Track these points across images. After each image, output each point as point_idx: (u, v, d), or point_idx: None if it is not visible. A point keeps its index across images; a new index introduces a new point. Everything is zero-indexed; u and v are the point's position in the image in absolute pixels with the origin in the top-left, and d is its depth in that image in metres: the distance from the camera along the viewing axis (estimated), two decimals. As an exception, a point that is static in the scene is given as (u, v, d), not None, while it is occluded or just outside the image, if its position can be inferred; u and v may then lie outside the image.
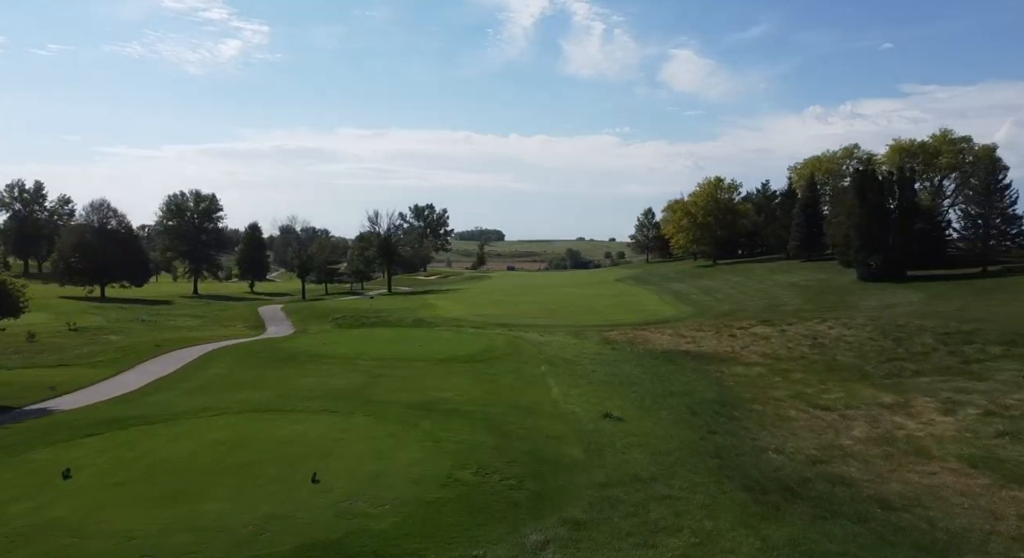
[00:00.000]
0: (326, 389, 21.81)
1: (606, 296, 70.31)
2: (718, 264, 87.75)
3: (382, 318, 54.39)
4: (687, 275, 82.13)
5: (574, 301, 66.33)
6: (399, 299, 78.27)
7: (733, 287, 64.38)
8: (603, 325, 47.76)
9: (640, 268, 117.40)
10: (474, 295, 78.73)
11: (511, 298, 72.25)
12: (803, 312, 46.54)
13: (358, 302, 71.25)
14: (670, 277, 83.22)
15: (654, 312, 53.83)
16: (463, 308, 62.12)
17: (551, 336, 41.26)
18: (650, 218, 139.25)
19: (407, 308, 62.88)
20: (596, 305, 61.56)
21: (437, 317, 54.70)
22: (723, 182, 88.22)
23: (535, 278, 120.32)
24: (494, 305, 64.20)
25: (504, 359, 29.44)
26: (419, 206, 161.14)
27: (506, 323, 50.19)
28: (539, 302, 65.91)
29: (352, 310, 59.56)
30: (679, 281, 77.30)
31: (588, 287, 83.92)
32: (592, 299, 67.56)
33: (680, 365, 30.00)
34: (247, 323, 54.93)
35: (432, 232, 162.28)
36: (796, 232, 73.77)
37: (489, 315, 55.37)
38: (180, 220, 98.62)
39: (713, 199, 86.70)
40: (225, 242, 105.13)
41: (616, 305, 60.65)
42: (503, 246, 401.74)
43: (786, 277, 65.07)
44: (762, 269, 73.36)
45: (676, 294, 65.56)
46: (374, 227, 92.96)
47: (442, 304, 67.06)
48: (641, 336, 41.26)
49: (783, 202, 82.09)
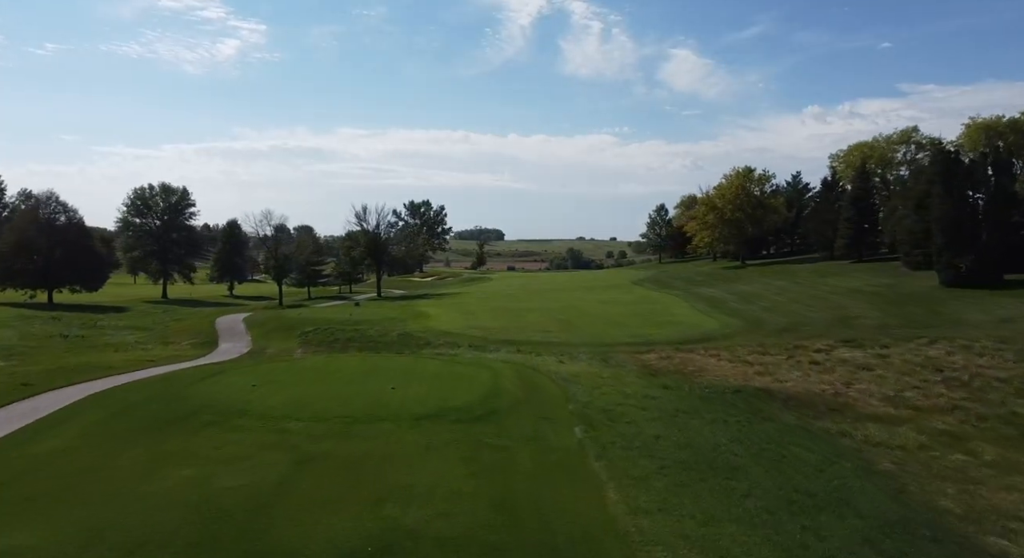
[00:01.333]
0: (191, 505, 12.00)
1: (626, 302, 60.59)
2: (747, 265, 77.99)
3: (360, 333, 44.70)
4: (715, 278, 72.37)
5: (590, 308, 56.60)
6: (387, 306, 68.55)
7: (778, 293, 54.59)
8: (635, 343, 38.07)
9: (655, 269, 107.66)
10: (473, 301, 69.01)
11: (516, 305, 62.53)
12: (890, 328, 36.80)
13: (339, 310, 61.50)
14: (695, 280, 73.49)
15: (693, 325, 44.09)
16: (460, 318, 52.40)
17: (574, 362, 31.57)
18: (663, 215, 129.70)
19: (394, 318, 53.16)
20: (617, 314, 51.84)
21: (428, 331, 45.01)
22: (753, 173, 78.50)
23: (539, 280, 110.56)
24: (496, 314, 54.46)
25: (517, 413, 19.70)
26: (415, 203, 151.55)
27: (512, 340, 40.52)
28: (549, 310, 56.18)
29: (327, 322, 49.82)
30: (707, 285, 67.56)
31: (602, 291, 74.19)
32: (610, 306, 57.83)
33: (778, 421, 20.29)
34: (197, 339, 45.16)
35: (429, 230, 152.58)
36: (845, 229, 63.99)
37: (491, 328, 45.67)
38: (147, 217, 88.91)
39: (742, 192, 76.94)
40: (198, 241, 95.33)
41: (641, 315, 50.92)
42: (503, 245, 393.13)
43: (841, 281, 55.31)
44: (806, 272, 63.57)
45: (710, 301, 55.78)
46: (362, 224, 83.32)
47: (436, 312, 57.36)
48: (691, 361, 31.55)
49: (824, 195, 72.23)
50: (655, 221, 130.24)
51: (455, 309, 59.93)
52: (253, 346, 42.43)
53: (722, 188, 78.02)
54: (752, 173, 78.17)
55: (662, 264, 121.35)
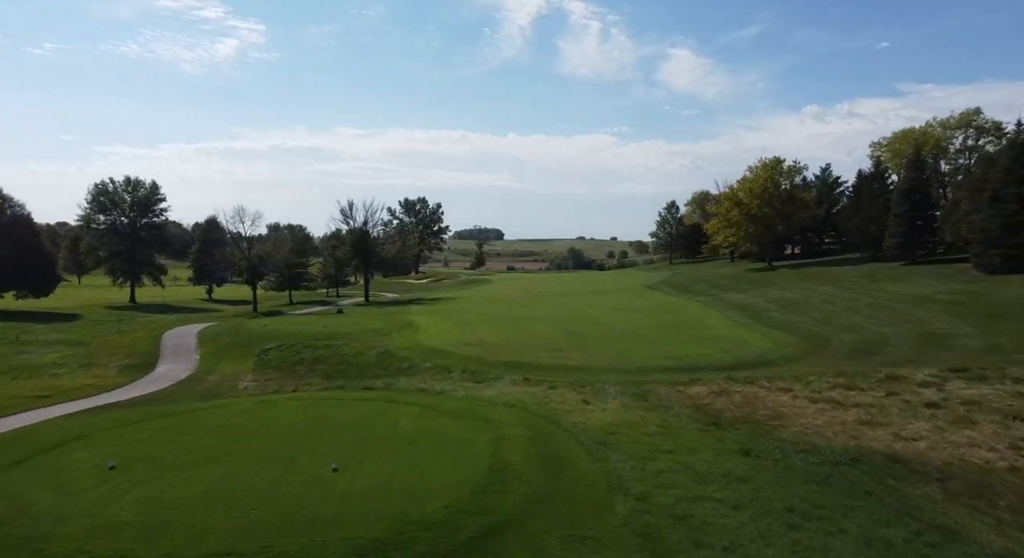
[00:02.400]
0: None
1: (645, 310, 52.58)
2: (776, 267, 69.94)
3: (332, 351, 36.70)
4: (743, 282, 64.33)
5: (605, 318, 48.57)
6: (373, 313, 60.51)
7: (827, 302, 46.57)
8: (672, 368, 30.04)
9: (667, 270, 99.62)
10: (470, 308, 60.98)
11: (518, 312, 54.52)
12: (1006, 351, 28.74)
13: (314, 320, 53.42)
14: (719, 284, 65.48)
15: (738, 342, 36.04)
16: (454, 330, 44.38)
17: (602, 401, 23.57)
18: (674, 213, 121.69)
19: (377, 330, 45.13)
20: (639, 326, 43.83)
21: (415, 349, 37.02)
22: (782, 163, 70.27)
23: (542, 281, 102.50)
24: (496, 325, 46.41)
25: (532, 528, 11.65)
26: (410, 200, 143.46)
27: (517, 362, 32.50)
28: (557, 319, 48.15)
29: (296, 336, 41.79)
30: (735, 289, 59.56)
31: (614, 296, 66.20)
32: (628, 315, 49.82)
33: (968, 540, 12.19)
34: (132, 359, 37.03)
35: (425, 229, 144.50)
36: (896, 226, 55.88)
37: (490, 345, 37.65)
38: (112, 214, 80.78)
39: (771, 185, 68.82)
40: (168, 240, 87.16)
41: (669, 327, 42.91)
42: (502, 245, 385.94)
43: (903, 287, 47.26)
44: (852, 275, 55.49)
45: (747, 311, 47.78)
46: (347, 221, 75.20)
47: (427, 323, 49.36)
48: (757, 399, 23.50)
49: (863, 188, 64.16)
50: (665, 219, 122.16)
51: (449, 318, 51.92)
52: (196, 370, 34.36)
53: (748, 181, 69.95)
54: (781, 164, 70.06)
55: (674, 265, 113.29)
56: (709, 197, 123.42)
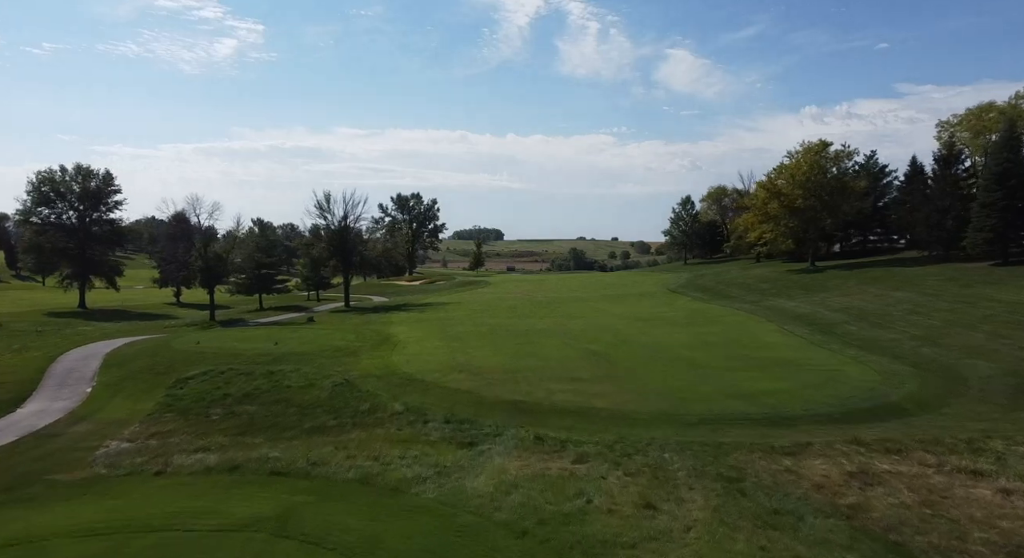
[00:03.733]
0: None
1: (677, 321, 42.80)
2: (822, 267, 60.05)
3: (275, 381, 27.04)
4: (787, 285, 54.53)
5: (630, 331, 38.80)
6: (348, 323, 50.76)
7: (915, 311, 36.82)
8: (750, 415, 20.33)
9: (686, 271, 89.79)
10: (465, 316, 51.19)
11: (522, 323, 44.79)
12: None
13: (273, 333, 43.56)
14: (757, 288, 55.69)
15: (822, 370, 26.25)
16: (442, 348, 34.61)
17: (672, 495, 13.74)
18: (689, 209, 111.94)
19: (343, 349, 35.40)
20: (677, 342, 34.04)
21: (386, 378, 27.36)
22: (828, 148, 60.30)
23: (546, 284, 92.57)
24: (495, 341, 36.61)
25: None
26: (403, 196, 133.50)
27: (524, 403, 22.88)
28: (572, 334, 38.40)
29: (236, 357, 32.03)
30: (781, 295, 49.83)
31: (633, 302, 56.42)
32: (659, 328, 40.09)
33: None
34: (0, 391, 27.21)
35: (420, 227, 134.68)
36: (982, 218, 45.96)
37: (487, 372, 27.91)
38: (58, 207, 70.90)
39: (817, 172, 58.85)
40: (124, 238, 77.21)
41: (715, 345, 33.13)
42: (502, 245, 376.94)
43: (1012, 294, 37.48)
44: (934, 278, 45.53)
45: (807, 322, 38.05)
46: (325, 216, 65.35)
47: (410, 336, 39.66)
48: (944, 501, 13.64)
49: (940, 174, 53.86)
50: (679, 216, 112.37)
51: (438, 331, 42.13)
52: (73, 411, 24.52)
53: (789, 169, 60.03)
54: (827, 148, 60.16)
55: (690, 266, 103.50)
56: (726, 192, 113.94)
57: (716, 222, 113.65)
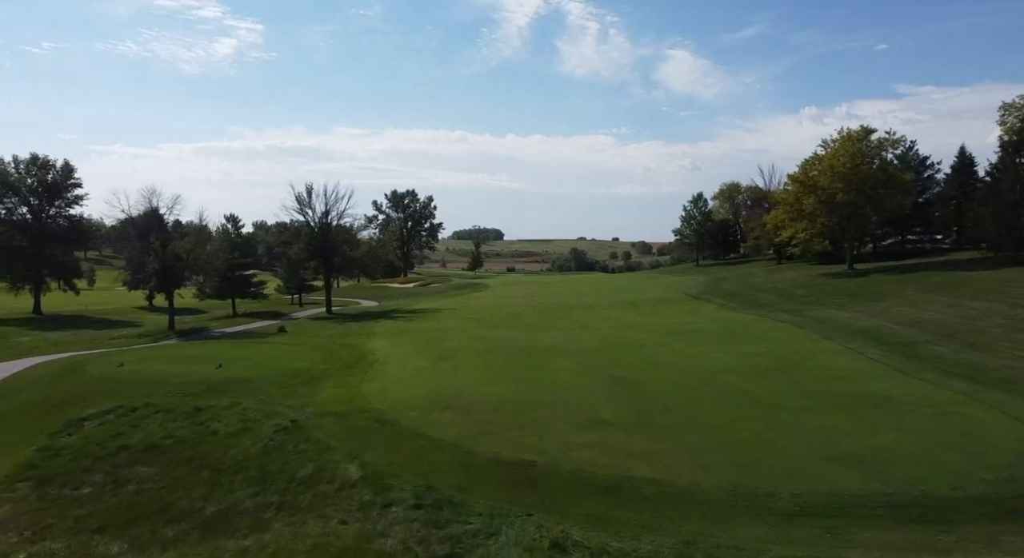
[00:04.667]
0: None
1: (711, 335, 35.81)
2: (862, 270, 53.06)
3: (196, 427, 20.14)
4: (828, 291, 47.49)
5: (659, 349, 31.79)
6: (324, 334, 43.80)
7: (1019, 328, 29.85)
8: (876, 498, 13.37)
9: (700, 274, 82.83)
10: (459, 326, 44.26)
11: (525, 336, 37.87)
12: None
13: (224, 350, 36.56)
14: (793, 294, 48.66)
15: (931, 410, 19.31)
16: (427, 373, 27.65)
17: None
18: (701, 207, 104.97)
19: (303, 373, 28.46)
20: (719, 365, 27.07)
21: (348, 415, 20.53)
22: (871, 135, 53.15)
23: (549, 286, 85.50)
24: (495, 363, 29.62)
25: None
26: (398, 193, 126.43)
27: (534, 467, 15.94)
28: (589, 353, 31.39)
29: (162, 385, 25.10)
30: (826, 303, 42.85)
31: (651, 309, 49.46)
32: (693, 344, 33.12)
33: None
34: None
35: (415, 226, 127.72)
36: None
37: (482, 411, 20.94)
38: (8, 201, 63.90)
39: (861, 161, 51.57)
40: (85, 235, 70.16)
41: (769, 371, 26.19)
42: (502, 245, 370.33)
43: None
44: (1019, 286, 38.58)
45: (875, 339, 31.12)
46: (304, 212, 58.33)
47: (390, 354, 32.75)
48: None
49: (1007, 164, 46.70)
50: (691, 214, 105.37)
51: (426, 345, 35.14)
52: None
53: (827, 159, 52.90)
54: (869, 135, 53.04)
55: (702, 267, 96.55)
56: (739, 189, 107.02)
57: (729, 221, 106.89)
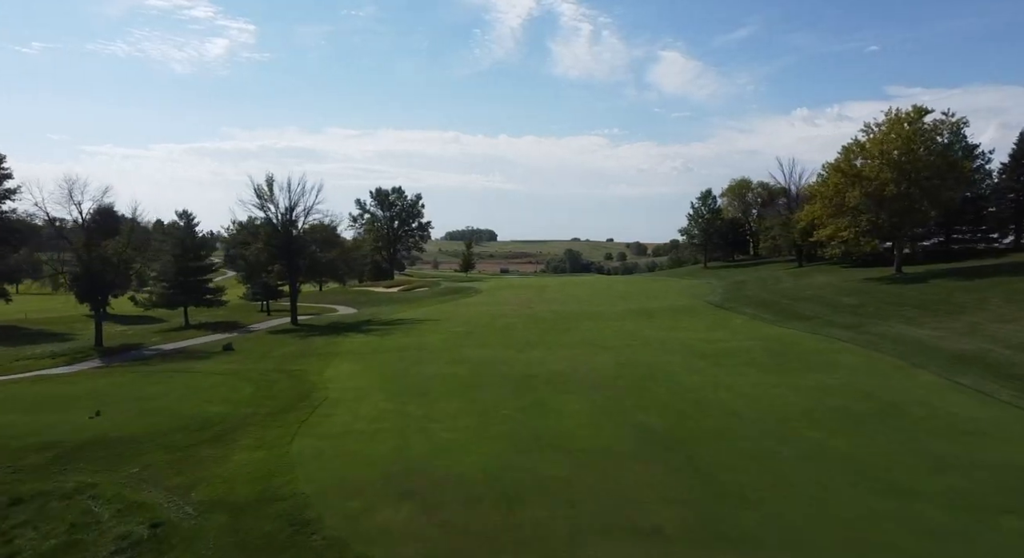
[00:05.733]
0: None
1: (756, 361, 28.06)
2: (913, 275, 45.50)
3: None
4: (882, 300, 39.86)
5: (696, 382, 23.94)
6: (271, 358, 35.76)
7: None
8: None
9: (713, 276, 75.16)
10: (441, 345, 36.38)
11: (522, 358, 30.04)
12: None
13: (122, 388, 28.54)
14: (837, 303, 41.02)
15: None
16: (391, 420, 19.73)
17: None
18: (710, 205, 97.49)
19: (219, 424, 20.50)
20: (789, 412, 19.35)
21: (256, 511, 12.48)
22: (924, 115, 45.34)
23: (547, 291, 77.61)
24: (482, 406, 21.72)
25: None
26: (382, 190, 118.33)
27: None
28: (602, 384, 23.56)
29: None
30: (887, 316, 35.25)
31: (667, 320, 41.76)
32: (734, 374, 25.38)
33: None
34: None
35: (402, 225, 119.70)
36: None
37: (457, 504, 13.03)
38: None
39: (922, 147, 43.75)
40: (16, 235, 61.74)
41: (864, 418, 18.48)
42: (495, 246, 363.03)
43: None
44: None
45: (984, 369, 23.52)
46: (264, 206, 50.25)
47: (346, 387, 24.90)
48: None
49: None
50: (699, 212, 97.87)
51: (396, 373, 27.18)
52: None
53: (875, 145, 45.10)
54: (923, 117, 45.24)
55: (712, 269, 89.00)
56: (750, 186, 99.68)
57: (739, 219, 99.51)
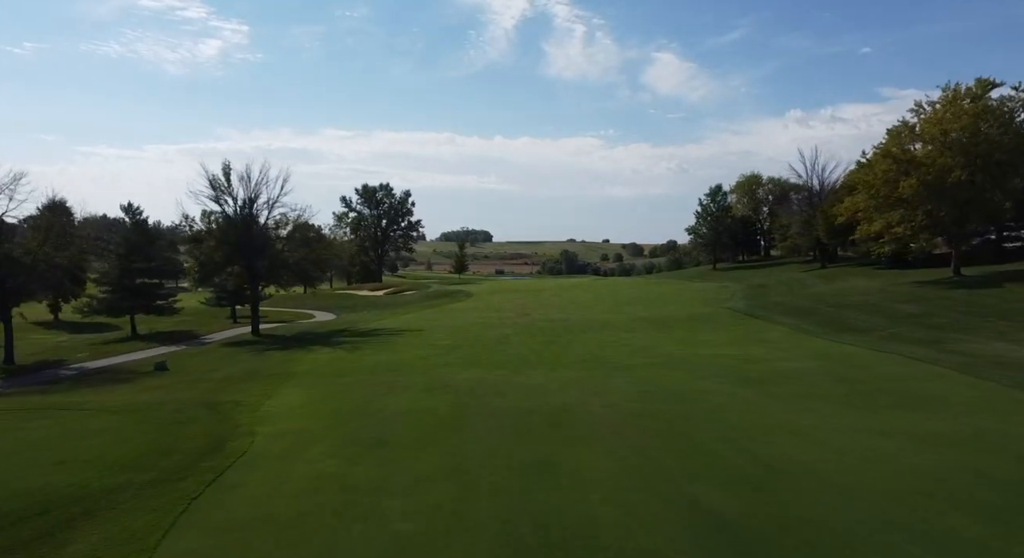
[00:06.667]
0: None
1: (818, 388, 21.25)
2: (980, 279, 39.10)
3: None
4: (952, 309, 33.33)
5: (753, 425, 16.91)
6: (206, 383, 28.85)
7: None
8: None
9: (727, 279, 68.62)
10: (420, 364, 29.64)
11: (517, 382, 23.28)
12: None
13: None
14: (896, 312, 34.50)
15: None
16: (331, 500, 12.65)
17: None
18: (720, 201, 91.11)
19: (74, 504, 13.38)
20: (918, 485, 12.34)
21: None
22: (989, 89, 38.84)
23: (545, 295, 70.91)
24: (456, 466, 14.65)
25: None
26: (369, 187, 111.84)
27: None
28: (624, 425, 16.40)
29: None
30: (979, 331, 28.70)
31: (686, 331, 35.16)
32: (803, 408, 18.55)
33: None
34: None
35: (390, 225, 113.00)
36: None
37: None
38: None
39: (993, 127, 37.25)
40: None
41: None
42: (490, 247, 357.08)
43: None
44: None
45: None
46: (220, 198, 43.45)
47: (283, 432, 17.91)
48: None
49: None
50: (707, 210, 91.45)
51: (354, 413, 20.25)
52: None
53: (931, 125, 38.56)
54: (990, 90, 38.65)
55: (721, 271, 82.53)
56: (760, 182, 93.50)
57: (750, 217, 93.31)
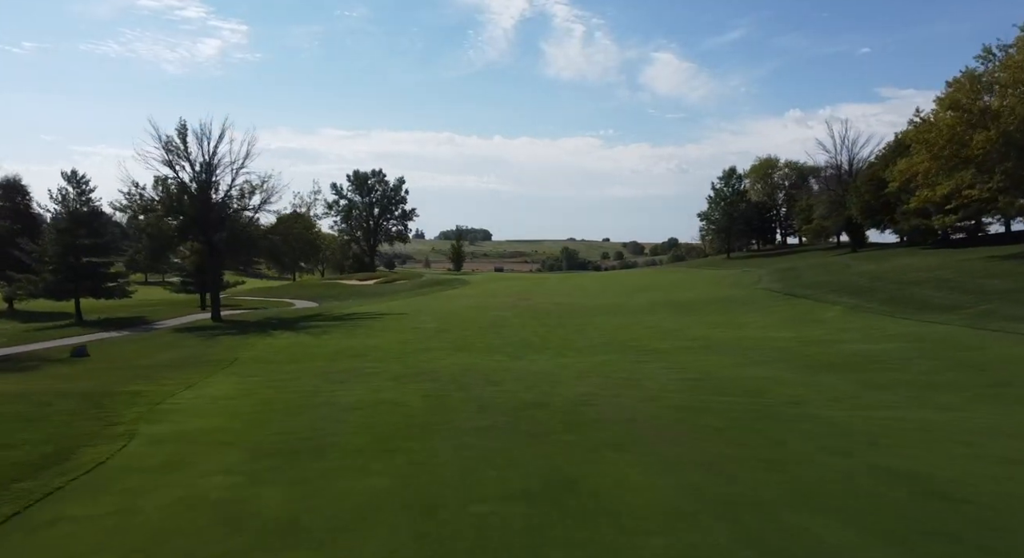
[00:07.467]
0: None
1: (938, 381, 15.23)
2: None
3: None
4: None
5: (884, 439, 10.75)
6: (122, 371, 22.64)
7: None
8: None
9: (750, 265, 62.54)
10: (399, 348, 23.62)
11: (517, 370, 17.26)
12: None
13: None
14: (981, 288, 28.42)
15: None
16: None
17: None
18: (735, 185, 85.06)
19: None
20: None
21: None
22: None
23: (547, 283, 64.82)
24: (435, 494, 8.40)
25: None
26: (360, 173, 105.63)
27: None
28: (701, 436, 10.07)
29: None
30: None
31: (722, 314, 29.16)
32: (916, 401, 12.60)
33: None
34: None
35: (383, 213, 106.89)
36: None
37: None
38: None
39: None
40: None
41: None
42: (490, 246, 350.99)
43: None
44: None
45: None
46: (173, 162, 37.32)
47: (183, 434, 11.45)
48: None
49: None
50: (720, 195, 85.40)
51: (295, 406, 13.70)
52: None
53: (1013, 69, 32.29)
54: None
55: (736, 259, 76.52)
56: (776, 165, 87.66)
57: (766, 203, 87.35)
